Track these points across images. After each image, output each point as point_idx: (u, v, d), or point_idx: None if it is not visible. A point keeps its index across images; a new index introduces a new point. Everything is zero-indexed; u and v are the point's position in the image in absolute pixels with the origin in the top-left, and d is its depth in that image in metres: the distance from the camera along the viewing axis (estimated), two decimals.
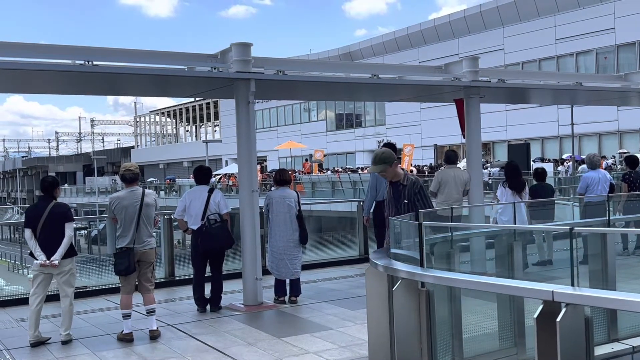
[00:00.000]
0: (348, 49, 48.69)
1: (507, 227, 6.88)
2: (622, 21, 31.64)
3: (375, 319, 5.22)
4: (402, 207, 5.45)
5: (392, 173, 5.52)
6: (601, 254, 5.52)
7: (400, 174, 5.53)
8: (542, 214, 9.01)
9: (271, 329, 6.86)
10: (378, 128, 46.96)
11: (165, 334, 6.76)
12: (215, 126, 74.78)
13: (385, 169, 5.48)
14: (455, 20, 40.23)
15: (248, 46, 7.89)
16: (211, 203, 7.70)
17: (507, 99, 14.98)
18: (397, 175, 5.52)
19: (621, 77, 12.06)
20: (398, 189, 5.52)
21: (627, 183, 10.75)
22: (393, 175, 5.53)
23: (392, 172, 5.52)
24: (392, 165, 5.47)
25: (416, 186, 5.46)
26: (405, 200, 5.43)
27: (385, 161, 5.48)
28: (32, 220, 6.55)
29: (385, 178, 5.62)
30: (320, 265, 10.87)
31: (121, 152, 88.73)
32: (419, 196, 5.44)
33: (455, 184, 9.30)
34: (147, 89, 10.13)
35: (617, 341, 5.22)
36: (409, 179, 5.50)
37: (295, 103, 53.35)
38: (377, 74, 9.05)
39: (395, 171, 5.51)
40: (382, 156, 5.52)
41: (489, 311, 5.22)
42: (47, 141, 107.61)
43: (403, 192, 5.46)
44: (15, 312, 8.00)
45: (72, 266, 6.71)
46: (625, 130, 31.90)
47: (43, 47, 7.45)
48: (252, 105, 7.99)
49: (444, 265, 5.21)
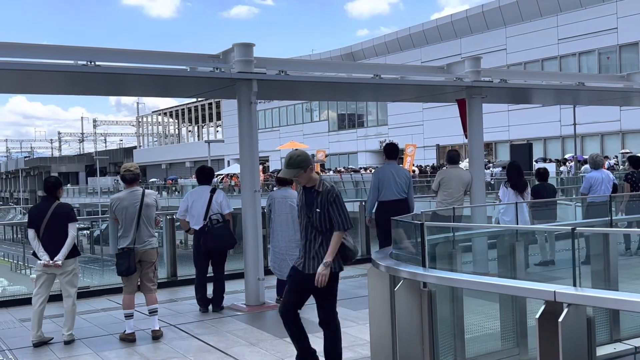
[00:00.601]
0: (350, 49, 48.68)
1: (510, 227, 6.87)
2: (624, 21, 31.59)
3: (377, 319, 5.22)
4: (314, 216, 4.95)
5: (306, 178, 5.02)
6: (603, 254, 5.53)
7: (315, 180, 5.03)
8: (544, 214, 9.01)
9: (273, 329, 6.85)
10: (380, 128, 46.94)
11: (167, 334, 6.77)
12: (218, 126, 74.80)
13: (298, 174, 4.97)
14: (458, 20, 40.21)
15: (250, 46, 7.90)
16: (213, 203, 7.71)
17: (510, 99, 14.97)
18: (312, 181, 5.03)
19: (624, 77, 12.05)
20: (312, 195, 5.01)
21: (630, 183, 10.74)
22: (307, 180, 5.03)
23: (307, 178, 5.01)
24: (306, 170, 4.97)
25: (331, 195, 4.95)
26: (318, 209, 4.94)
27: (299, 165, 4.94)
28: (35, 220, 6.57)
29: (299, 183, 5.14)
30: None
31: (123, 153, 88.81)
32: (334, 206, 4.93)
33: (457, 184, 9.31)
34: (150, 89, 10.14)
35: (619, 341, 5.22)
36: (324, 186, 5.00)
37: (297, 103, 53.36)
38: (380, 74, 9.06)
39: (309, 176, 5.01)
40: (296, 159, 4.97)
41: (491, 311, 5.22)
42: (49, 141, 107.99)
43: (317, 200, 4.97)
44: (17, 312, 8.01)
45: (75, 266, 6.73)
46: (627, 130, 31.86)
47: (45, 48, 7.47)
48: (254, 105, 7.99)
49: (446, 265, 5.21)
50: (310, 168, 4.98)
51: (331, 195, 4.93)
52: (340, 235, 4.93)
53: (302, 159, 4.98)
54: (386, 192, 8.76)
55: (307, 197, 5.01)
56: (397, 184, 8.78)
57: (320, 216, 4.92)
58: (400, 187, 8.79)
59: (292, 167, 4.95)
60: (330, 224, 4.93)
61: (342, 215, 4.95)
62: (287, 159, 5.00)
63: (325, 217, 4.92)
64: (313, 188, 5.00)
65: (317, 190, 4.98)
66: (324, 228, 4.94)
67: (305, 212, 5.01)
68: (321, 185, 4.99)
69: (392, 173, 8.85)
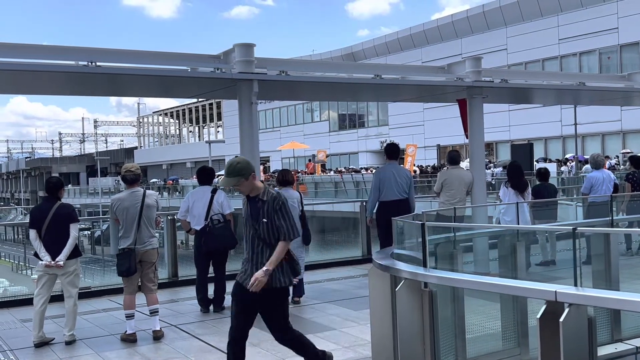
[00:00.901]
0: (351, 50, 48.69)
1: (511, 227, 6.87)
2: (625, 21, 31.58)
3: (378, 320, 5.22)
4: (260, 227, 4.64)
5: (248, 187, 4.70)
6: (604, 254, 5.52)
7: (259, 188, 4.72)
8: (545, 214, 9.01)
9: None
10: (381, 128, 46.93)
11: (168, 334, 6.77)
12: (218, 127, 74.83)
13: (239, 182, 4.66)
14: (458, 21, 40.20)
15: (251, 47, 7.90)
16: (214, 203, 7.71)
17: (510, 99, 14.97)
18: (256, 190, 4.72)
19: (624, 77, 12.04)
20: (256, 205, 4.69)
21: (631, 183, 10.74)
22: (250, 189, 4.71)
23: (249, 186, 4.70)
24: (248, 178, 4.65)
25: (277, 202, 4.66)
26: (265, 219, 4.63)
27: (240, 173, 4.63)
28: (37, 221, 6.57)
29: (241, 192, 4.79)
30: (324, 266, 10.88)
31: (124, 153, 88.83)
32: (281, 213, 4.64)
33: (460, 184, 9.32)
34: (150, 90, 10.15)
35: (620, 341, 5.21)
36: (269, 194, 4.70)
37: (298, 103, 53.37)
38: (380, 74, 9.06)
39: (252, 185, 4.70)
40: (236, 167, 4.66)
41: (492, 311, 5.22)
42: (50, 142, 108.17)
43: (262, 209, 4.65)
44: (19, 313, 8.02)
45: (77, 267, 6.74)
46: (628, 130, 31.84)
47: (46, 48, 7.48)
48: (255, 105, 7.99)
49: (447, 265, 5.21)
50: (253, 176, 4.68)
51: (277, 203, 4.65)
52: (286, 245, 4.65)
53: (243, 166, 4.67)
54: (387, 192, 8.76)
55: (252, 208, 4.70)
56: (398, 184, 8.78)
57: (268, 227, 4.63)
58: (401, 187, 8.80)
59: (232, 175, 4.65)
60: (279, 234, 4.64)
61: (289, 223, 4.65)
62: (227, 167, 4.72)
63: (273, 228, 4.63)
64: (257, 197, 4.70)
65: (262, 200, 4.68)
66: (272, 239, 4.64)
67: (251, 223, 4.69)
68: (266, 193, 4.70)
69: (393, 173, 8.85)
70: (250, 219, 4.70)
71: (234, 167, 4.66)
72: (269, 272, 4.58)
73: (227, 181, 4.70)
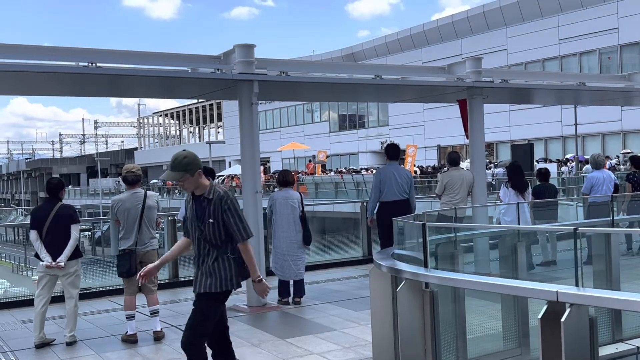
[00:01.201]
0: (351, 50, 48.70)
1: (511, 227, 6.87)
2: (625, 21, 31.58)
3: (379, 320, 5.22)
4: (206, 228, 4.29)
5: (193, 184, 4.33)
6: (605, 254, 5.52)
7: (204, 186, 4.34)
8: (546, 214, 9.01)
9: (275, 330, 6.86)
10: (381, 129, 46.94)
11: (169, 335, 6.77)
12: (219, 127, 74.86)
13: (183, 178, 4.29)
14: (458, 21, 40.21)
15: (251, 47, 7.90)
16: None
17: (511, 99, 14.97)
18: (201, 188, 4.34)
19: (625, 77, 12.04)
20: (202, 204, 4.32)
21: (632, 183, 10.74)
22: (195, 186, 4.34)
23: (194, 183, 4.33)
24: (193, 174, 4.29)
25: (225, 202, 4.29)
26: (211, 220, 4.26)
27: (185, 168, 4.27)
28: (37, 222, 6.57)
29: (185, 190, 4.44)
30: (324, 266, 10.88)
31: (125, 154, 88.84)
32: (229, 214, 4.28)
33: (462, 184, 9.33)
34: (151, 91, 10.15)
35: (621, 341, 5.21)
36: (215, 193, 4.31)
37: (298, 104, 53.36)
38: (380, 75, 9.06)
39: (198, 182, 4.33)
40: (182, 161, 4.28)
41: (493, 312, 5.22)
42: (50, 143, 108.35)
43: (208, 209, 4.29)
44: (19, 314, 8.02)
45: (77, 268, 6.74)
46: (628, 130, 31.84)
47: (46, 49, 7.48)
48: (255, 106, 7.99)
49: (448, 265, 5.21)
50: (199, 173, 4.32)
51: (225, 202, 4.28)
52: (246, 245, 4.33)
53: (189, 161, 4.29)
54: (388, 192, 8.77)
55: (197, 207, 4.34)
56: (398, 185, 8.78)
57: (214, 227, 4.27)
58: (401, 188, 8.80)
59: (177, 169, 4.28)
60: (226, 235, 4.30)
61: (240, 223, 4.31)
62: (172, 160, 4.34)
63: (220, 229, 4.28)
64: (203, 196, 4.33)
65: (208, 198, 4.30)
66: (218, 241, 4.31)
67: (196, 224, 4.33)
68: (212, 192, 4.32)
69: (393, 173, 8.86)
70: (195, 219, 4.35)
71: (179, 161, 4.29)
72: (259, 277, 4.41)
73: (171, 175, 4.33)
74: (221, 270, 4.32)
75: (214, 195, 4.31)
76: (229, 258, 4.34)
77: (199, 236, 4.35)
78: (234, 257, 4.35)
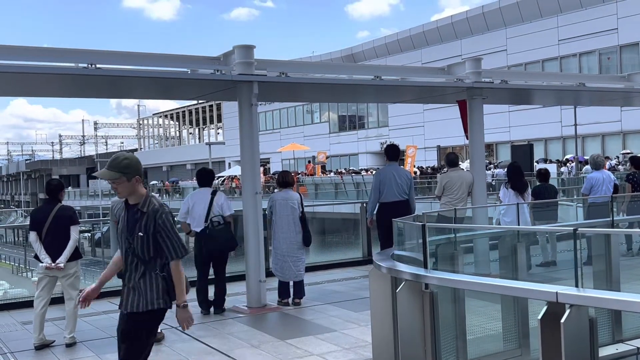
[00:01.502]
0: (351, 51, 48.71)
1: (511, 228, 6.87)
2: (625, 22, 31.60)
3: (379, 321, 5.22)
4: (135, 241, 3.92)
5: (127, 190, 3.95)
6: (605, 254, 5.52)
7: (140, 195, 3.96)
8: (546, 214, 9.02)
9: (275, 331, 6.86)
10: (381, 129, 46.96)
11: (169, 336, 6.77)
12: (218, 128, 74.89)
13: (118, 180, 3.91)
14: (458, 22, 40.23)
15: (250, 48, 7.91)
16: (214, 205, 7.71)
17: (510, 100, 14.96)
18: (136, 197, 3.97)
19: (624, 78, 12.05)
20: (134, 216, 3.96)
21: (631, 183, 10.74)
22: (129, 193, 3.96)
23: (128, 189, 3.95)
24: (130, 179, 3.91)
25: (160, 215, 3.92)
26: (141, 233, 3.90)
27: (122, 170, 3.89)
28: (37, 223, 6.57)
29: (117, 194, 4.04)
30: (324, 267, 10.88)
31: None
32: (163, 229, 3.92)
33: (462, 185, 9.33)
34: (150, 92, 10.15)
35: (621, 342, 5.21)
36: (150, 205, 3.94)
37: (298, 105, 53.36)
38: (380, 76, 9.06)
39: (134, 189, 3.95)
40: (122, 162, 3.92)
41: (493, 312, 5.22)
42: (50, 144, 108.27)
43: (140, 222, 3.92)
44: (19, 315, 8.02)
45: (77, 269, 6.74)
46: (628, 130, 31.85)
47: (46, 51, 7.48)
48: (255, 107, 7.99)
49: (448, 266, 5.20)
50: (137, 179, 3.94)
51: (159, 216, 3.92)
52: (177, 263, 3.96)
53: (129, 163, 3.93)
54: (387, 193, 8.77)
55: (129, 218, 3.99)
56: (398, 185, 8.79)
57: (143, 241, 3.91)
58: (401, 189, 8.80)
59: (113, 169, 3.90)
60: (155, 251, 3.94)
61: (173, 240, 3.95)
62: (111, 159, 3.98)
63: (149, 243, 3.92)
64: (137, 207, 3.96)
65: (142, 210, 3.94)
66: (146, 256, 3.94)
67: (126, 236, 3.99)
68: (147, 204, 3.95)
69: (393, 174, 8.86)
70: (125, 231, 4.00)
71: (118, 162, 3.93)
72: (184, 304, 4.03)
73: (105, 174, 3.94)
74: (147, 288, 3.97)
75: (149, 208, 3.94)
76: (157, 275, 3.98)
77: (127, 249, 4.01)
78: (162, 275, 3.99)
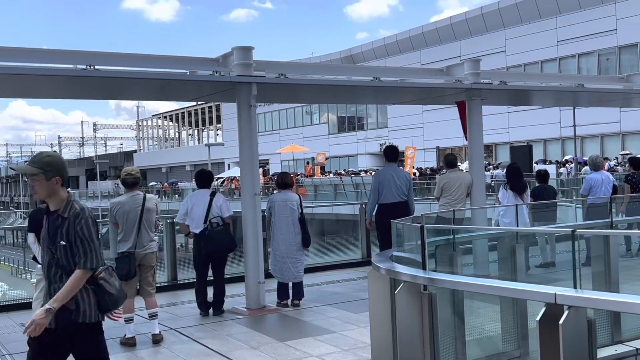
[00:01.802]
0: (350, 52, 48.73)
1: (510, 229, 6.87)
2: (623, 22, 31.62)
3: (378, 322, 5.22)
4: (57, 251, 3.60)
5: (45, 190, 3.63)
6: (604, 255, 5.52)
7: (60, 200, 3.65)
8: (545, 215, 9.02)
9: (274, 333, 6.86)
10: (380, 131, 46.97)
11: (168, 337, 6.76)
12: (218, 130, 74.91)
13: (36, 176, 3.60)
14: (457, 23, 40.25)
15: (249, 50, 7.91)
16: (213, 207, 7.71)
17: (509, 101, 14.95)
18: (56, 201, 3.66)
19: (623, 79, 12.06)
20: (55, 223, 3.63)
21: (630, 184, 10.75)
22: (47, 194, 3.64)
23: (47, 189, 3.63)
24: (49, 178, 3.60)
25: (79, 220, 3.60)
26: (63, 242, 3.58)
27: (43, 167, 3.60)
28: (36, 224, 6.55)
29: (35, 194, 3.70)
30: (323, 269, 10.88)
31: (124, 156, 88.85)
32: (81, 235, 3.58)
33: (460, 186, 9.33)
34: (149, 93, 10.16)
35: (620, 343, 5.21)
36: (72, 210, 3.63)
37: (297, 106, 53.37)
38: (379, 77, 9.07)
39: (52, 190, 3.63)
40: (43, 159, 3.63)
41: (491, 314, 5.22)
42: (49, 145, 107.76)
43: (61, 229, 3.60)
44: (18, 317, 8.01)
45: None
46: (627, 131, 31.87)
47: (45, 52, 7.48)
48: (254, 108, 8.00)
49: (447, 268, 5.20)
50: (57, 180, 3.62)
51: (78, 221, 3.59)
52: (83, 273, 3.58)
53: (50, 161, 3.63)
54: (386, 194, 8.77)
55: (50, 226, 3.66)
56: (397, 187, 8.78)
57: (66, 250, 3.59)
58: (400, 190, 8.80)
59: (34, 164, 3.61)
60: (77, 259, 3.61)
61: (89, 247, 3.59)
62: (35, 154, 3.73)
63: (72, 252, 3.60)
64: (57, 212, 3.64)
65: (62, 216, 3.62)
66: (72, 266, 3.61)
67: (47, 245, 3.66)
68: (68, 209, 3.63)
69: (392, 175, 8.86)
70: (47, 239, 3.67)
71: (40, 158, 3.65)
72: (53, 311, 3.55)
73: (24, 168, 3.71)
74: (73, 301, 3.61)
75: (70, 213, 3.62)
76: (86, 287, 3.65)
77: (49, 260, 3.67)
78: (92, 287, 3.67)
